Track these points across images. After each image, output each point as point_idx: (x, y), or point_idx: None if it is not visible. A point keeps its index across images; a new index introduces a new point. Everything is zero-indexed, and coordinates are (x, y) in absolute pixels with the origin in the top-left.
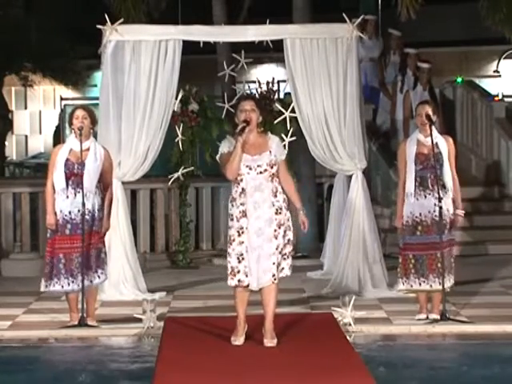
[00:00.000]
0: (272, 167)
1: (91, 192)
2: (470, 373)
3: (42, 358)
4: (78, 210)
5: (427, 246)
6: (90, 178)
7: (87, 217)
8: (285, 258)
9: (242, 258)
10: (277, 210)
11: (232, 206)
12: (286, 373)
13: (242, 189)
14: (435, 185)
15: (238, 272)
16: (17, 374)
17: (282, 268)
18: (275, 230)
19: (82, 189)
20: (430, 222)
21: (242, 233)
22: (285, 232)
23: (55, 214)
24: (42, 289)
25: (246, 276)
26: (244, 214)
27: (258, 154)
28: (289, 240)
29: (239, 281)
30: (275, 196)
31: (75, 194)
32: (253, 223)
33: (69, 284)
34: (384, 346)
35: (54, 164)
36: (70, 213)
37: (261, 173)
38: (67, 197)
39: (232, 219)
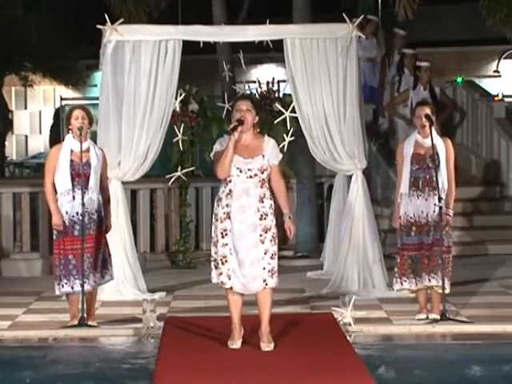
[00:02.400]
0: (263, 172)
1: (96, 192)
2: (470, 373)
3: (41, 358)
4: (87, 211)
5: (421, 245)
6: (95, 178)
7: (95, 217)
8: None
9: (226, 261)
10: (261, 215)
11: (217, 205)
12: (285, 373)
13: (230, 190)
14: (426, 186)
15: (221, 274)
16: (17, 374)
17: (273, 277)
18: (261, 235)
19: (85, 189)
20: (423, 222)
21: (226, 235)
22: (272, 237)
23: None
24: (57, 293)
25: (229, 279)
26: (228, 216)
27: (251, 158)
28: (277, 246)
29: (222, 282)
30: (261, 201)
31: (82, 195)
32: (237, 227)
33: (80, 285)
34: (384, 346)
35: (53, 164)
36: (77, 213)
37: (250, 177)
38: (73, 198)
39: (216, 219)
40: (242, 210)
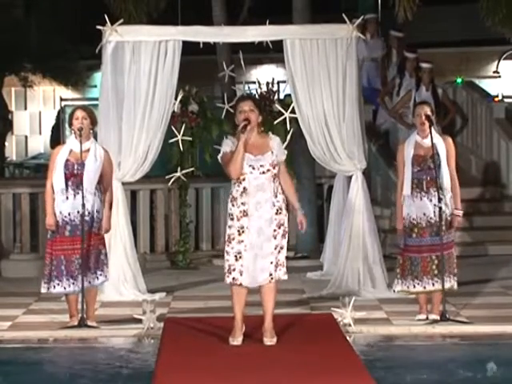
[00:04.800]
0: (274, 167)
1: (90, 193)
2: (469, 373)
3: (41, 359)
4: (78, 212)
5: (422, 248)
6: (89, 179)
7: (87, 218)
8: (281, 264)
9: (240, 257)
10: (277, 210)
11: (232, 205)
12: (285, 373)
13: (244, 188)
14: (431, 187)
15: (234, 270)
16: (16, 374)
17: (280, 269)
18: (274, 230)
19: (82, 190)
20: (424, 224)
21: (243, 232)
22: (284, 231)
23: (55, 214)
24: (43, 291)
25: (241, 275)
26: (245, 213)
27: (261, 154)
28: (286, 241)
29: (233, 279)
30: (276, 196)
31: (75, 195)
32: (254, 223)
33: (69, 285)
34: (384, 347)
35: (53, 165)
36: (69, 214)
37: (263, 173)
38: (67, 198)
39: (232, 218)
40: (259, 205)
